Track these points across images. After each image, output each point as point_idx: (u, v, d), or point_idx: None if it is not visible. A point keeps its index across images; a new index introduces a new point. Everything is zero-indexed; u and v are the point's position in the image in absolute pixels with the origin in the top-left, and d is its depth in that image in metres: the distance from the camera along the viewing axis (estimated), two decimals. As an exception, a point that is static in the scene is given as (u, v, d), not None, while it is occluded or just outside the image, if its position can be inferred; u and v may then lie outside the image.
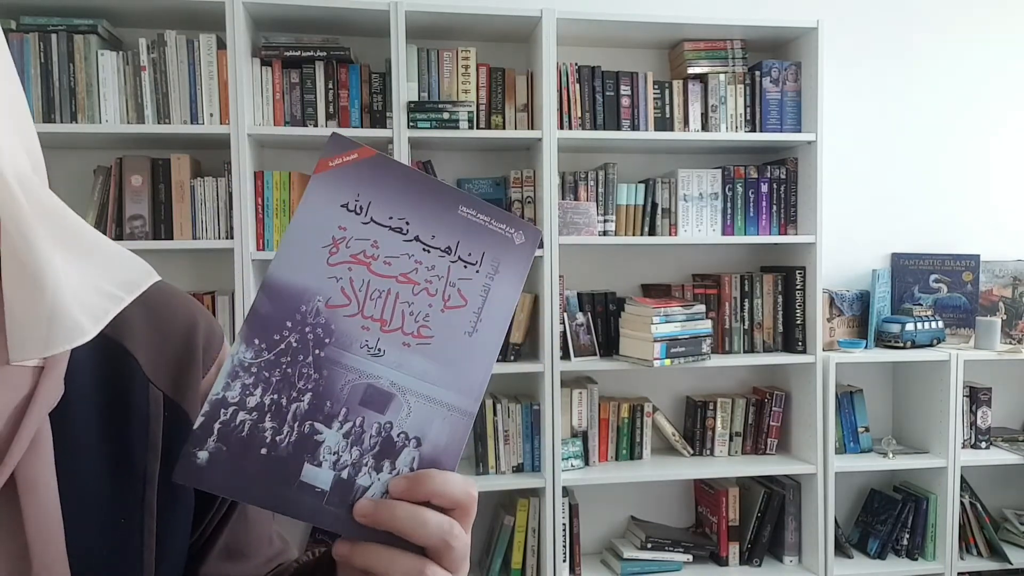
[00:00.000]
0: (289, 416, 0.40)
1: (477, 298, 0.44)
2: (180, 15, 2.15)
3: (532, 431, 2.33)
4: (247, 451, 0.39)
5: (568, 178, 2.36)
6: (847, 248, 2.70)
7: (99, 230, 2.13)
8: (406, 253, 0.43)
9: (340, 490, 0.40)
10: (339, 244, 0.42)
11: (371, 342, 0.42)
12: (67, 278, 0.42)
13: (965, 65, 2.77)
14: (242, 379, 0.40)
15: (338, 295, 0.42)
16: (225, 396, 0.40)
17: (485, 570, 2.37)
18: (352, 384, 0.41)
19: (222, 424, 0.39)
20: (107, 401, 0.48)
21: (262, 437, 0.40)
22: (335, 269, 0.42)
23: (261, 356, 0.40)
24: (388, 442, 0.41)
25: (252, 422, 0.40)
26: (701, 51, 2.41)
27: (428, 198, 0.44)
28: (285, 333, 0.41)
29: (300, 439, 0.40)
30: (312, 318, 0.41)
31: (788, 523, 2.49)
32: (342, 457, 0.41)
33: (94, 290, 0.44)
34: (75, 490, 0.45)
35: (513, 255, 0.45)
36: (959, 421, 2.48)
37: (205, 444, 0.39)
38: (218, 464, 0.39)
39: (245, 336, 0.40)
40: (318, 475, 0.40)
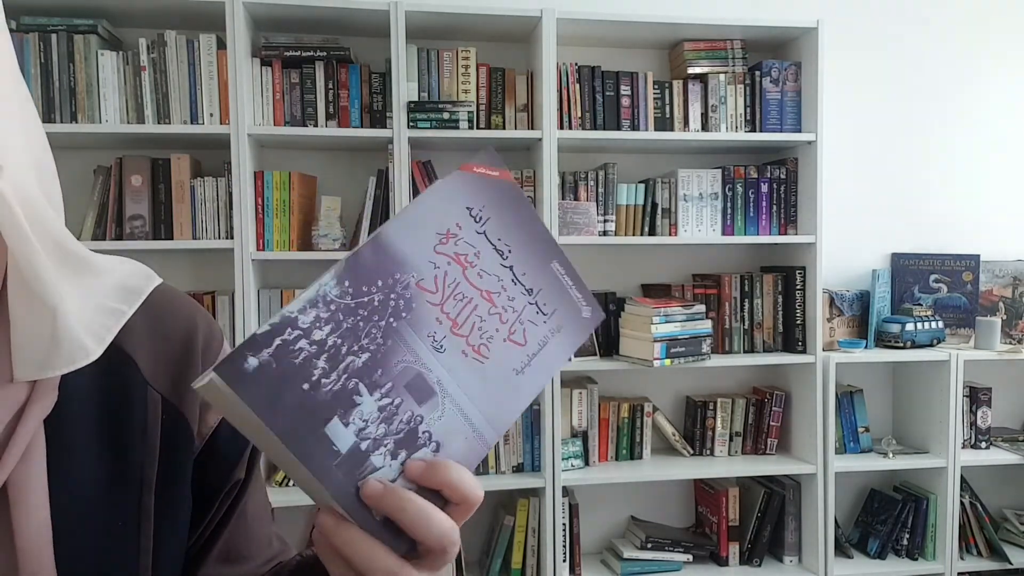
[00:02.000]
0: (342, 366, 0.39)
1: (536, 345, 0.45)
2: (180, 15, 2.15)
3: (532, 431, 2.33)
4: (293, 379, 0.38)
5: (568, 178, 2.36)
6: (847, 248, 2.70)
7: (99, 230, 2.16)
8: (498, 275, 0.45)
9: (353, 458, 0.39)
10: (450, 238, 0.43)
11: (438, 335, 0.42)
12: (70, 298, 0.42)
13: (965, 65, 2.77)
14: (319, 310, 0.39)
15: (431, 280, 0.43)
16: (298, 318, 0.38)
17: (485, 570, 2.37)
18: (406, 365, 0.41)
19: (282, 342, 0.38)
20: (105, 404, 0.48)
21: (310, 372, 0.38)
22: (438, 257, 0.43)
23: (344, 298, 0.40)
24: (412, 434, 0.41)
25: (309, 354, 0.38)
26: (701, 51, 2.41)
27: (534, 240, 0.47)
28: (374, 289, 0.41)
29: (342, 392, 0.39)
30: (401, 289, 0.42)
31: (788, 523, 2.49)
32: (368, 428, 0.40)
33: (96, 307, 0.45)
34: (70, 495, 0.45)
35: (576, 324, 0.48)
36: (959, 421, 2.48)
37: (259, 353, 0.37)
38: (262, 377, 0.37)
39: (338, 273, 0.40)
40: (340, 434, 0.39)
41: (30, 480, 0.42)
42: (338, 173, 2.39)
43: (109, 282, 0.47)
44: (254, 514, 0.59)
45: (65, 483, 0.44)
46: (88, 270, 0.45)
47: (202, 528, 0.56)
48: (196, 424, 0.53)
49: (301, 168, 2.29)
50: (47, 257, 0.41)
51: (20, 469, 0.42)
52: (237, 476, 0.57)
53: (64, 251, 0.43)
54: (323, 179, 2.35)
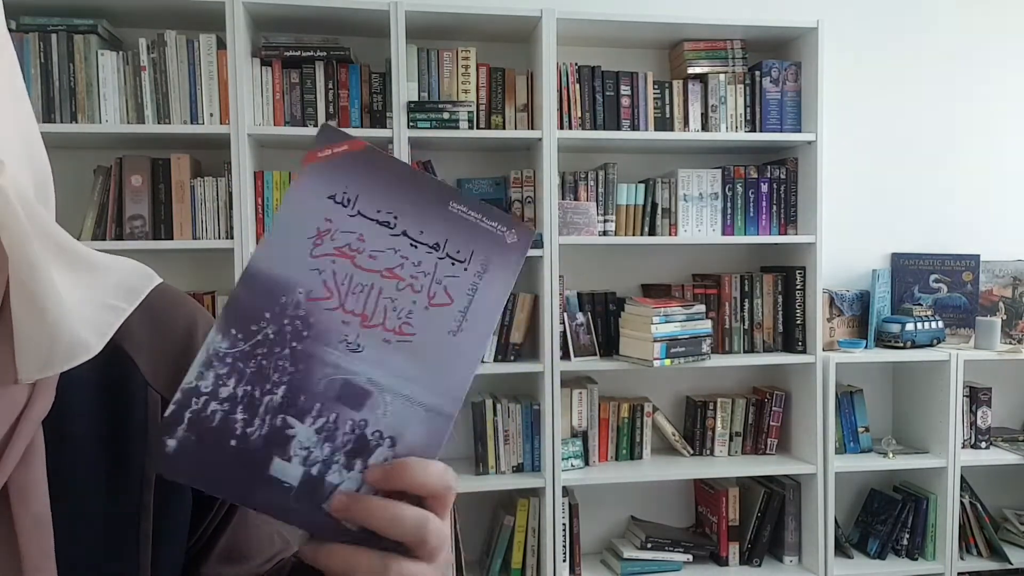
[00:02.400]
0: (261, 408, 0.39)
1: (464, 297, 0.43)
2: (180, 15, 2.15)
3: (532, 431, 2.33)
4: (217, 442, 0.38)
5: (568, 178, 2.36)
6: (847, 248, 2.70)
7: (99, 230, 2.15)
8: (392, 248, 0.42)
9: (309, 486, 0.39)
10: (324, 236, 0.41)
11: (351, 337, 0.41)
12: (69, 295, 0.42)
13: (965, 64, 2.77)
14: (216, 369, 0.39)
15: (320, 288, 0.41)
16: (198, 385, 0.39)
17: (485, 570, 2.37)
18: (328, 379, 0.40)
19: (192, 413, 0.38)
20: (105, 404, 0.48)
21: (232, 428, 0.39)
22: (318, 261, 0.41)
23: (237, 346, 0.39)
24: (362, 440, 0.40)
25: (223, 412, 0.39)
26: (701, 51, 2.41)
27: (419, 193, 0.43)
28: (263, 324, 0.40)
29: (271, 432, 0.39)
30: (292, 310, 0.40)
31: (788, 523, 2.49)
32: (313, 453, 0.40)
33: (96, 304, 0.45)
34: (70, 495, 0.45)
35: (504, 255, 0.43)
36: (959, 421, 2.48)
37: (175, 433, 0.38)
38: (186, 453, 0.38)
39: (221, 326, 0.39)
40: (287, 470, 0.39)
41: (30, 481, 0.43)
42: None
43: (109, 280, 0.47)
44: (255, 514, 0.59)
45: (65, 483, 0.45)
46: (87, 267, 0.45)
47: (203, 528, 0.56)
48: None
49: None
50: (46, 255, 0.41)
51: (20, 470, 0.42)
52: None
53: (61, 249, 0.43)
54: (323, 179, 2.34)
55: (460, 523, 2.33)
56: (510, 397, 2.40)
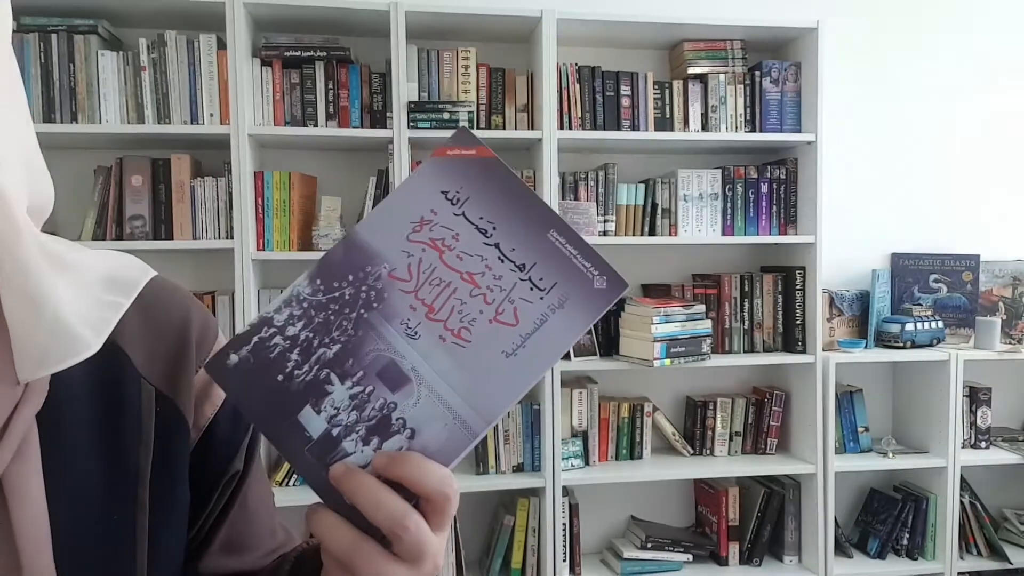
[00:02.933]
0: (313, 358, 0.42)
1: (530, 323, 0.42)
2: (180, 15, 2.15)
3: (532, 431, 2.33)
4: (267, 372, 0.41)
5: (568, 178, 2.36)
6: (847, 248, 2.70)
7: (99, 230, 2.16)
8: (480, 255, 0.43)
9: (324, 444, 0.41)
10: (424, 225, 0.43)
11: (412, 322, 0.42)
12: (65, 294, 0.43)
13: (965, 64, 2.77)
14: (292, 309, 0.42)
15: (403, 269, 0.43)
16: (272, 317, 0.42)
17: (485, 570, 2.38)
18: (378, 353, 0.42)
19: (259, 339, 0.41)
20: (99, 398, 0.48)
21: (284, 365, 0.41)
22: (411, 246, 0.43)
23: (316, 296, 0.42)
24: (385, 421, 0.42)
25: (282, 349, 0.41)
26: (701, 51, 2.41)
27: (524, 212, 0.43)
28: (344, 284, 0.43)
29: (314, 381, 0.41)
30: (372, 280, 0.43)
31: (788, 523, 2.49)
32: (339, 415, 0.41)
33: (92, 301, 0.45)
34: (66, 490, 0.45)
35: (585, 297, 0.42)
36: (959, 421, 2.48)
37: (239, 350, 0.41)
38: (241, 372, 0.41)
39: (311, 273, 0.43)
40: (312, 421, 0.41)
41: (26, 475, 0.43)
42: (338, 173, 2.39)
43: (100, 275, 0.47)
44: (255, 505, 0.59)
45: (60, 477, 0.45)
46: (70, 267, 0.45)
47: (202, 520, 0.56)
48: (191, 416, 0.53)
49: (301, 168, 2.29)
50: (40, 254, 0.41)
51: (15, 465, 0.42)
52: (235, 467, 0.57)
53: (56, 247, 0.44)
54: (323, 179, 2.35)
55: (460, 523, 2.33)
56: (510, 397, 2.40)
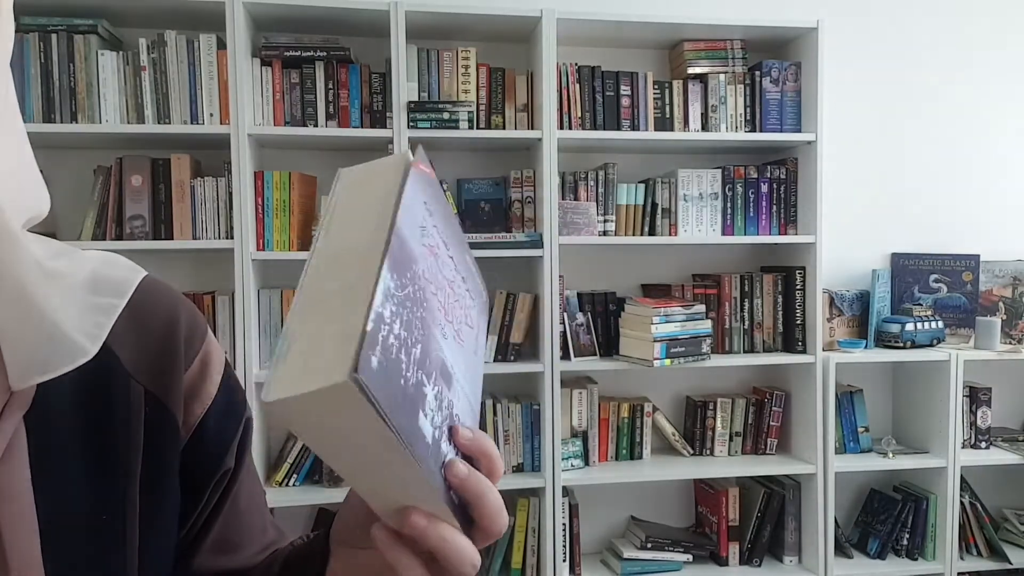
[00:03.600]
0: (410, 358, 0.37)
1: (478, 326, 0.46)
2: (180, 15, 2.15)
3: (532, 431, 2.33)
4: (394, 374, 0.35)
5: (568, 178, 2.36)
6: (847, 248, 2.70)
7: (99, 230, 2.15)
8: (450, 264, 0.46)
9: (436, 448, 0.38)
10: (425, 232, 0.43)
11: (442, 324, 0.42)
12: (58, 299, 0.42)
13: (965, 65, 2.77)
14: (390, 303, 0.36)
15: (426, 271, 0.42)
16: (382, 312, 0.35)
17: (485, 570, 2.37)
18: (437, 352, 0.40)
19: (383, 337, 0.35)
20: (87, 399, 0.48)
21: (400, 367, 0.36)
22: (423, 249, 0.42)
23: (400, 291, 0.38)
24: (451, 419, 0.41)
25: (397, 348, 0.36)
26: (701, 51, 2.41)
27: (455, 230, 0.48)
28: (406, 281, 0.39)
29: (417, 384, 0.37)
30: (418, 280, 0.40)
31: (788, 523, 2.49)
32: (435, 417, 0.39)
33: (84, 306, 0.45)
34: (54, 489, 0.45)
35: (482, 307, 0.50)
36: (959, 421, 2.48)
37: (375, 350, 0.33)
38: (381, 374, 0.34)
39: (391, 263, 0.37)
40: (425, 425, 0.37)
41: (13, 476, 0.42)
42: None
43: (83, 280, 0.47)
44: (247, 503, 0.59)
45: (49, 477, 0.44)
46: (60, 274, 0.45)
47: (193, 519, 0.55)
48: (181, 415, 0.52)
49: (301, 168, 2.29)
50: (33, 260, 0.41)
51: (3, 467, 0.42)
52: (226, 465, 0.57)
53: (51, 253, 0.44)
54: (323, 179, 2.35)
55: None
56: (510, 397, 2.40)
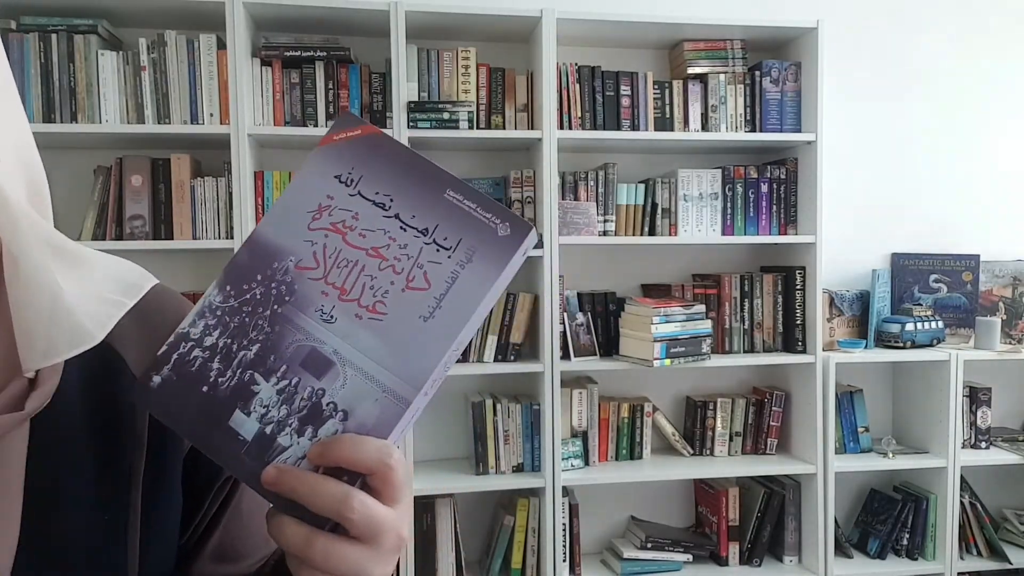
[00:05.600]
0: (235, 362, 0.42)
1: (442, 284, 0.42)
2: (180, 15, 2.15)
3: (532, 431, 2.33)
4: (191, 385, 0.41)
5: (568, 178, 2.36)
6: (847, 248, 2.70)
7: (99, 230, 2.15)
8: (382, 228, 0.43)
9: (260, 443, 0.41)
10: (323, 211, 0.44)
11: (326, 308, 0.42)
12: (68, 288, 0.43)
13: (965, 65, 2.77)
14: (207, 319, 0.42)
15: (309, 258, 0.43)
16: (189, 331, 0.42)
17: (485, 570, 2.37)
18: (298, 344, 0.42)
19: (179, 356, 0.41)
20: (93, 402, 0.48)
21: (207, 375, 0.41)
22: (313, 234, 0.43)
23: (228, 302, 0.42)
24: (316, 408, 0.41)
25: (203, 359, 0.42)
26: (701, 51, 2.41)
27: (418, 179, 0.44)
28: (253, 285, 0.43)
29: (238, 385, 0.41)
30: (280, 275, 0.43)
31: (788, 523, 2.49)
32: (270, 412, 0.41)
33: (95, 298, 0.45)
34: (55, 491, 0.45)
35: (493, 246, 0.42)
36: (959, 421, 2.48)
37: (161, 370, 0.41)
38: (165, 391, 0.41)
39: (219, 281, 0.43)
40: (244, 423, 0.41)
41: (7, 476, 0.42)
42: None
43: (103, 275, 0.47)
44: (249, 511, 0.59)
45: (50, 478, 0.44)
46: (81, 264, 0.46)
47: (194, 525, 0.55)
48: None
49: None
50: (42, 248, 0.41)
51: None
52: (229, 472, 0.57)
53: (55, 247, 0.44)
54: (323, 179, 2.34)
55: (460, 523, 2.33)
56: (510, 397, 2.40)
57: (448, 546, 2.29)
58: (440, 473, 2.33)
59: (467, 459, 2.41)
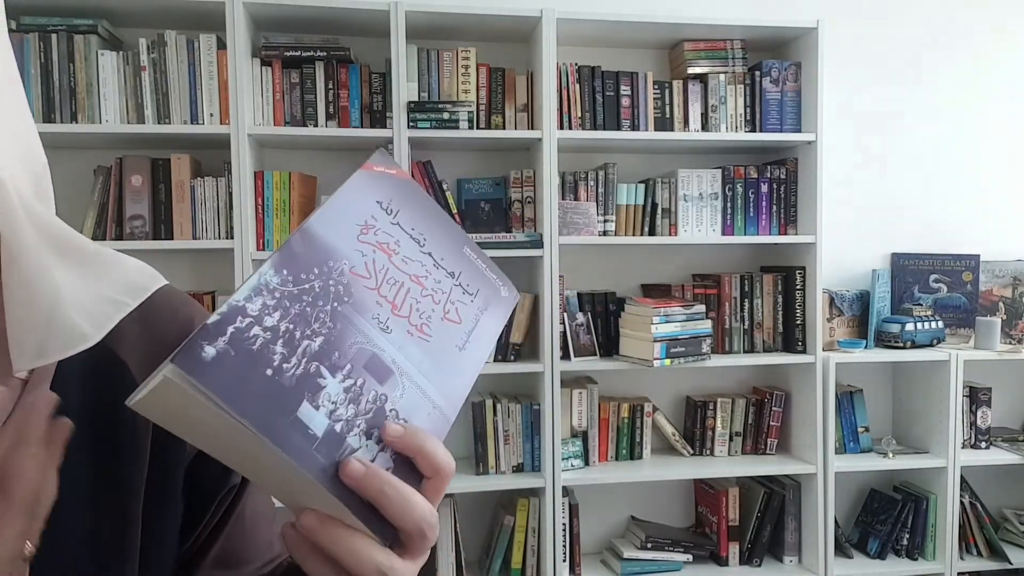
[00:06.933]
0: (299, 350, 0.39)
1: (470, 321, 0.47)
2: (180, 15, 2.15)
3: (532, 431, 2.33)
4: (254, 366, 0.37)
5: (568, 178, 2.36)
6: (847, 248, 2.70)
7: (99, 230, 2.15)
8: (419, 261, 0.47)
9: (330, 441, 0.39)
10: (369, 229, 0.45)
11: (382, 317, 0.43)
12: (67, 286, 0.42)
13: (965, 65, 2.77)
14: (264, 298, 0.39)
15: (361, 267, 0.44)
16: (245, 306, 0.38)
17: (485, 570, 2.37)
18: (360, 346, 0.42)
19: (236, 330, 0.37)
20: (95, 409, 0.47)
21: (270, 358, 0.38)
22: (363, 246, 0.44)
23: (286, 286, 0.40)
24: (380, 413, 0.41)
25: (265, 340, 0.38)
26: (701, 51, 2.41)
27: (443, 229, 0.49)
28: (311, 276, 0.42)
29: (305, 375, 0.39)
30: (336, 275, 0.43)
31: (788, 523, 2.49)
32: (339, 410, 0.40)
33: (97, 297, 0.44)
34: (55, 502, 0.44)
35: (498, 302, 0.49)
36: (959, 421, 2.48)
37: (215, 341, 0.36)
38: (222, 366, 0.36)
39: (275, 263, 0.40)
40: (313, 417, 0.39)
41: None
42: (338, 173, 2.39)
43: (113, 275, 0.47)
44: (252, 518, 0.58)
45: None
46: (90, 261, 0.45)
47: (197, 533, 0.55)
48: None
49: (301, 168, 2.29)
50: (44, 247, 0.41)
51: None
52: (232, 481, 0.56)
53: (61, 242, 0.43)
54: (323, 179, 2.35)
55: (460, 523, 2.33)
56: (510, 397, 2.40)
57: (448, 546, 2.29)
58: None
59: (467, 459, 2.41)
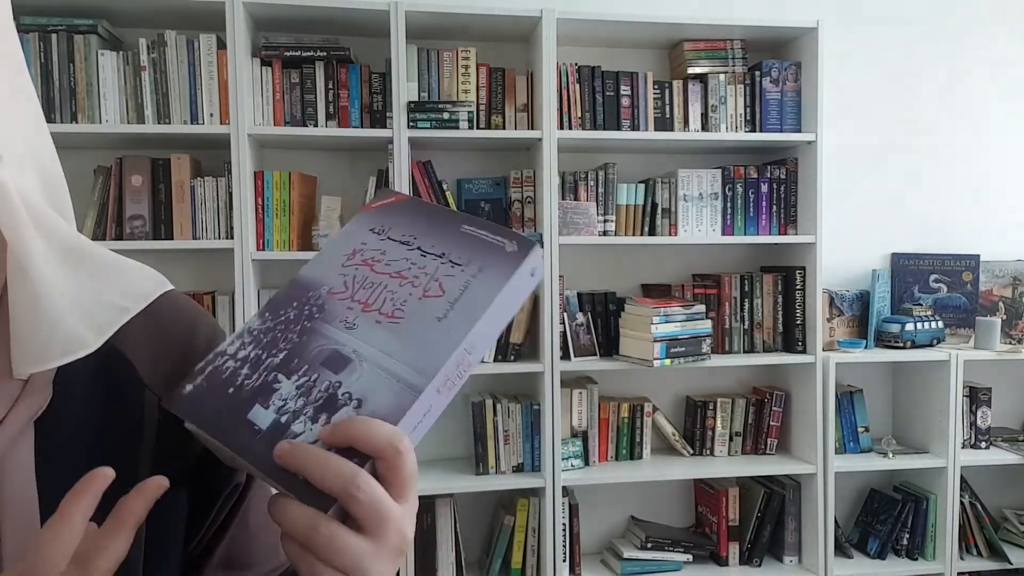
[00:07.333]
0: (262, 367, 0.45)
1: (455, 291, 0.48)
2: (180, 15, 2.15)
3: (532, 431, 2.33)
4: (219, 388, 0.45)
5: (568, 178, 2.36)
6: (847, 248, 2.70)
7: (99, 230, 2.15)
8: (405, 258, 0.50)
9: (274, 431, 0.43)
10: (356, 253, 0.51)
11: (350, 318, 0.47)
12: (71, 292, 0.42)
13: (965, 64, 2.77)
14: (243, 339, 0.47)
15: (340, 286, 0.49)
16: (225, 349, 0.47)
17: (485, 570, 2.37)
18: (321, 347, 0.46)
19: (213, 368, 0.46)
20: (101, 408, 0.48)
21: (235, 379, 0.45)
22: (346, 269, 0.50)
23: (265, 323, 0.48)
24: (332, 398, 0.44)
25: (233, 368, 0.46)
26: (701, 51, 2.41)
27: (439, 221, 0.52)
28: (290, 309, 0.48)
29: (262, 385, 0.45)
30: (314, 300, 0.48)
31: (788, 523, 2.49)
32: (287, 404, 0.44)
33: (101, 303, 0.45)
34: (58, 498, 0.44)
35: (500, 259, 0.49)
36: (959, 421, 2.48)
37: (195, 380, 0.45)
38: (194, 396, 0.45)
39: (261, 311, 0.48)
40: (261, 415, 0.43)
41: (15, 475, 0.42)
42: (338, 173, 2.39)
43: (119, 281, 0.47)
44: (257, 520, 0.58)
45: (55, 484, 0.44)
46: (96, 267, 0.45)
47: (201, 534, 0.55)
48: None
49: (301, 168, 2.29)
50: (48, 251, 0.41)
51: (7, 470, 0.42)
52: (237, 480, 0.56)
53: (68, 246, 0.43)
54: (323, 179, 2.35)
55: (460, 523, 2.33)
56: (510, 397, 2.40)
57: (448, 546, 2.29)
58: (440, 473, 2.33)
59: (467, 459, 2.41)
